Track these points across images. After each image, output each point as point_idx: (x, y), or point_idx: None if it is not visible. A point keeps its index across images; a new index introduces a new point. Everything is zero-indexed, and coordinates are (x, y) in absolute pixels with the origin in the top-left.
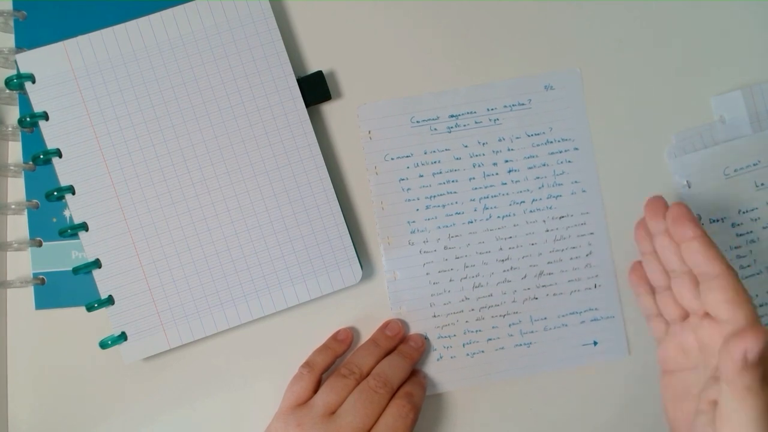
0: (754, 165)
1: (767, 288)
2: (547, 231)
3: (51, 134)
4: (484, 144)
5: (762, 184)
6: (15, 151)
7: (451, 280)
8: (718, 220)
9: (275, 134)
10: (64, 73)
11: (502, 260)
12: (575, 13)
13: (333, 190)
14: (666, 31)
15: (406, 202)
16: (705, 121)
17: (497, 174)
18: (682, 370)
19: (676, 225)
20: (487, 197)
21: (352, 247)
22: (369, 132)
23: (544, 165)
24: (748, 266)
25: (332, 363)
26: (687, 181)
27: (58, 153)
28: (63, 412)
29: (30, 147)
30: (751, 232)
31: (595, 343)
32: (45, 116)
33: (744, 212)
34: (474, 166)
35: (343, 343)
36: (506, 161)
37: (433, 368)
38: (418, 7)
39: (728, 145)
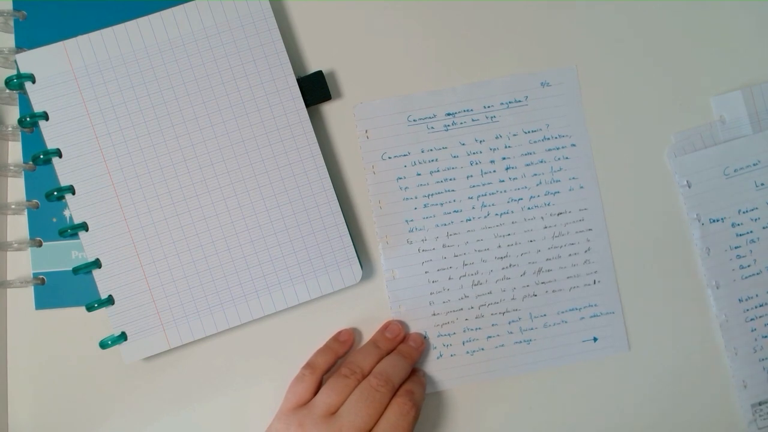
0: (754, 165)
1: (767, 288)
2: (546, 228)
3: (51, 134)
4: (481, 142)
5: (762, 184)
6: (15, 151)
7: (450, 279)
8: (718, 220)
9: (275, 134)
10: (64, 73)
11: (501, 258)
12: (572, 11)
13: (333, 190)
14: (666, 31)
15: (404, 201)
16: (705, 121)
17: (495, 171)
18: None
19: None
20: (485, 195)
21: (352, 247)
22: (366, 131)
23: (541, 162)
24: (748, 266)
25: (334, 364)
26: (687, 181)
27: (58, 153)
28: (63, 412)
29: (30, 147)
30: (751, 232)
31: (595, 339)
32: (45, 116)
33: (744, 212)
34: (471, 164)
35: (344, 344)
36: (504, 158)
37: (433, 366)
38: (416, 7)
39: (728, 145)
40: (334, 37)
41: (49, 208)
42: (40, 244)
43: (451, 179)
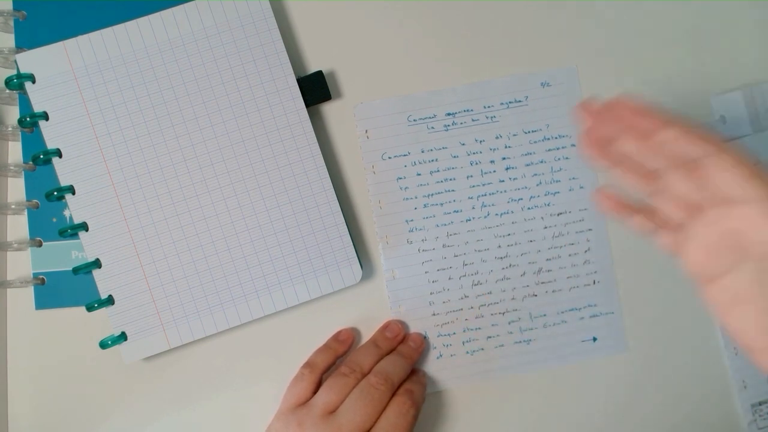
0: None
1: None
2: (546, 228)
3: (51, 134)
4: (481, 142)
5: None
6: (15, 151)
7: (450, 279)
8: None
9: (275, 134)
10: (64, 73)
11: (501, 258)
12: (572, 11)
13: (333, 190)
14: (666, 31)
15: (404, 201)
16: (705, 121)
17: (495, 171)
18: (722, 274)
19: (639, 120)
20: (485, 195)
21: (352, 247)
22: (366, 131)
23: (541, 162)
24: None
25: (333, 363)
26: None
27: (58, 153)
28: (63, 412)
29: (30, 147)
30: None
31: (595, 339)
32: (45, 116)
33: None
34: (471, 164)
35: (344, 343)
36: (504, 158)
37: (433, 366)
38: (416, 7)
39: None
40: (334, 37)
41: (49, 208)
42: (40, 244)
43: (451, 179)
